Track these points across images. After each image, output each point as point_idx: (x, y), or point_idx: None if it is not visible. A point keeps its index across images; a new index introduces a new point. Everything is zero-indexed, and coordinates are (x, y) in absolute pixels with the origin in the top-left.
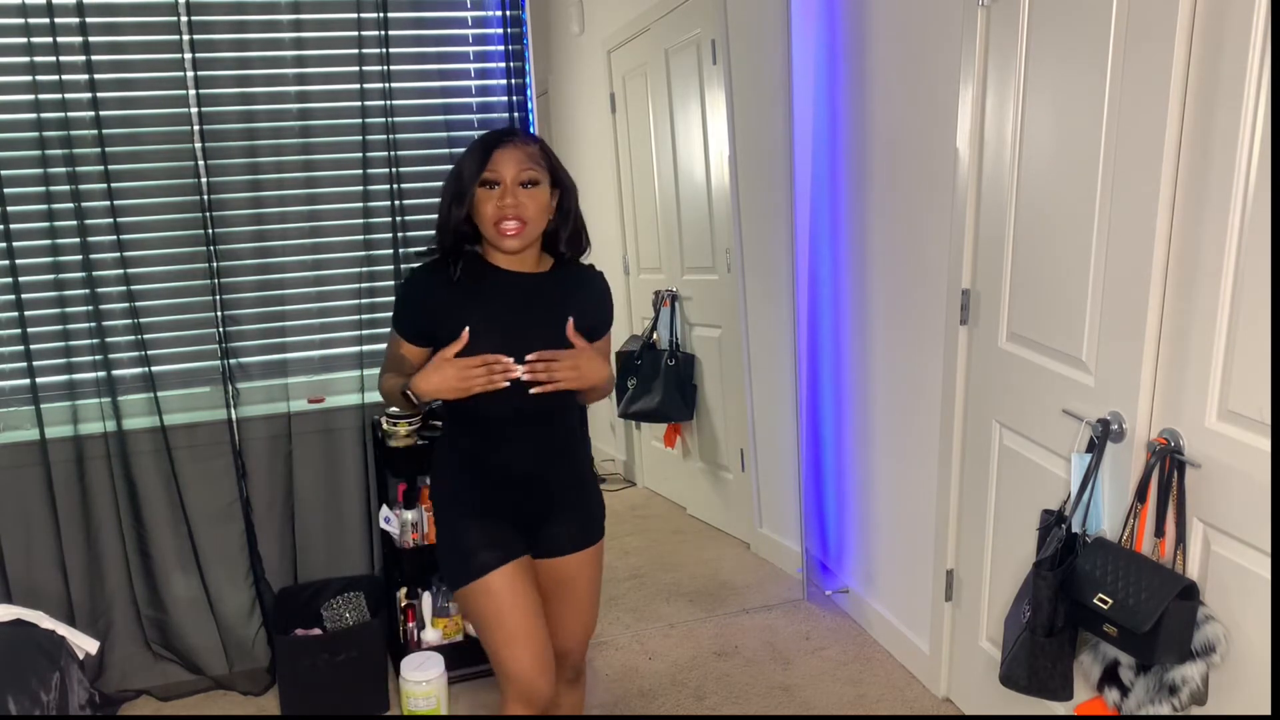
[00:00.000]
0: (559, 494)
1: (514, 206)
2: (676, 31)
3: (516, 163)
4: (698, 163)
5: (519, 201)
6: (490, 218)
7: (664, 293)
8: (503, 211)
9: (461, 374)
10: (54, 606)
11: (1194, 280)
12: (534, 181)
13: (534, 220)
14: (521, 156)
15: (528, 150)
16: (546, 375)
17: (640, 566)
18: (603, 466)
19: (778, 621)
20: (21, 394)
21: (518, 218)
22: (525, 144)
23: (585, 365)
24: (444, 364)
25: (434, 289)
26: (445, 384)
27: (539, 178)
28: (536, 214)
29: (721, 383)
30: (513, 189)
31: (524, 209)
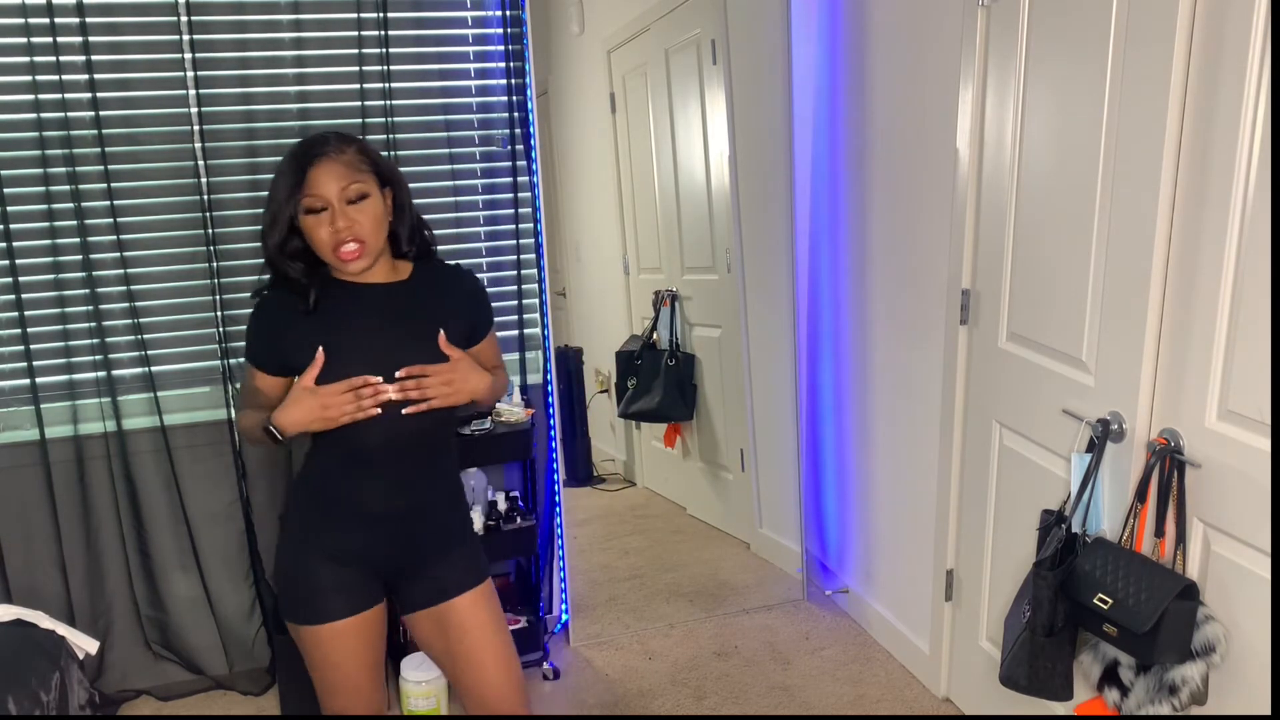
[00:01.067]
0: (434, 532)
1: (348, 228)
2: (676, 31)
3: (338, 177)
4: (698, 163)
5: (351, 221)
6: (327, 244)
7: (664, 293)
8: (338, 236)
9: (325, 403)
10: (54, 606)
11: (1194, 280)
12: (363, 195)
13: (373, 235)
14: (341, 169)
15: (345, 159)
16: (419, 393)
17: (640, 566)
18: (603, 466)
19: (778, 621)
20: (21, 394)
21: (355, 239)
22: (341, 151)
23: (460, 378)
24: (304, 394)
25: (285, 314)
26: (308, 416)
27: (366, 188)
28: (374, 228)
29: (721, 383)
30: (341, 209)
31: (359, 227)
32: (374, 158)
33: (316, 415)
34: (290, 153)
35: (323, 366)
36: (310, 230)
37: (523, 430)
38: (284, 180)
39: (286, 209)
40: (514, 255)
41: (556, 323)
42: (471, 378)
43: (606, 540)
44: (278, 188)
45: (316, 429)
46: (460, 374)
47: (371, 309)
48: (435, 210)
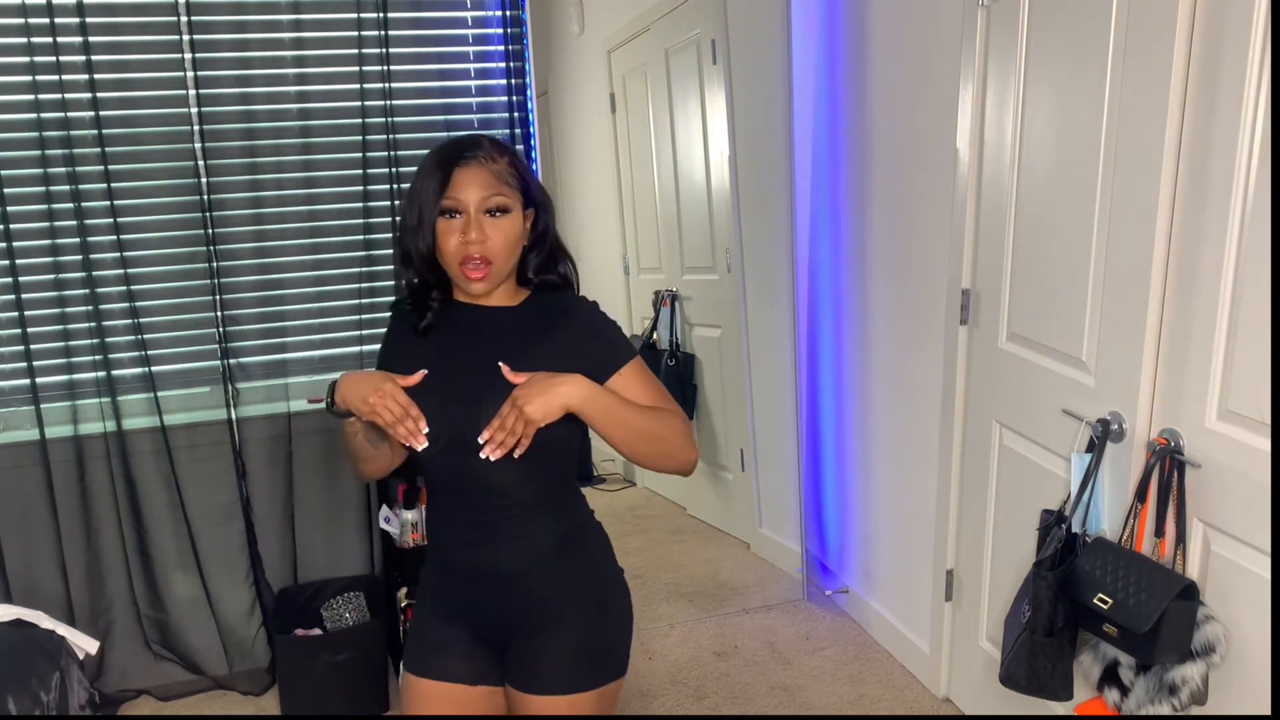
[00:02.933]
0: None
1: (480, 242)
2: (676, 31)
3: (481, 185)
4: (698, 163)
5: (485, 235)
6: (454, 255)
7: (664, 293)
8: (467, 249)
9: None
10: (54, 606)
11: (1194, 280)
12: (503, 209)
13: (503, 256)
14: (487, 177)
15: (494, 168)
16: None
17: (640, 566)
18: (603, 466)
19: (778, 621)
20: (21, 394)
21: (483, 257)
22: (492, 159)
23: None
24: (375, 376)
25: (403, 328)
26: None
27: (509, 203)
28: (506, 248)
29: (721, 383)
30: (477, 219)
31: (490, 245)
32: (524, 175)
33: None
34: (437, 150)
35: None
36: (440, 235)
37: None
38: (429, 179)
39: (433, 209)
40: None
41: None
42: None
43: None
44: (422, 187)
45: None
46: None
47: (469, 333)
48: None
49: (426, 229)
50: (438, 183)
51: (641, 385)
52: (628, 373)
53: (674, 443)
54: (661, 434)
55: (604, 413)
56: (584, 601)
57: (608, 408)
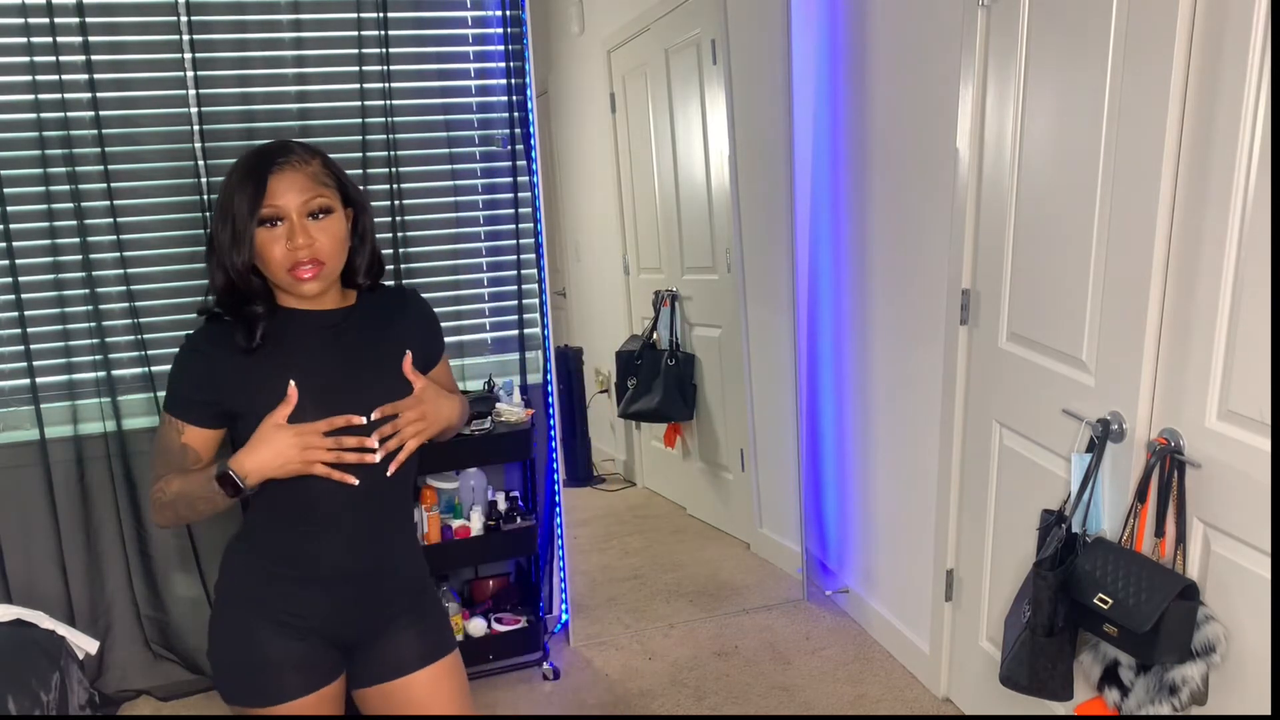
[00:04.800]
0: (396, 595)
1: (307, 246)
2: (676, 31)
3: (300, 189)
4: (698, 163)
5: (311, 238)
6: (281, 263)
7: (664, 293)
8: (295, 255)
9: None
10: (54, 606)
11: (1194, 280)
12: (326, 210)
13: (333, 256)
14: (304, 180)
15: (309, 170)
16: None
17: (640, 566)
18: (603, 466)
19: (778, 621)
20: (21, 394)
21: (313, 259)
22: (305, 161)
23: (431, 408)
24: (275, 432)
25: (220, 352)
26: (281, 458)
27: (330, 203)
28: (334, 247)
29: (721, 383)
30: (301, 224)
31: (319, 246)
32: (339, 174)
33: (293, 457)
34: (244, 160)
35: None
36: (262, 246)
37: (522, 430)
38: (242, 190)
39: (250, 221)
40: (514, 255)
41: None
42: (441, 404)
43: (606, 540)
44: (235, 200)
45: (282, 475)
46: (430, 402)
47: (323, 339)
48: (435, 210)
49: (245, 242)
50: (252, 193)
51: (446, 368)
52: (444, 360)
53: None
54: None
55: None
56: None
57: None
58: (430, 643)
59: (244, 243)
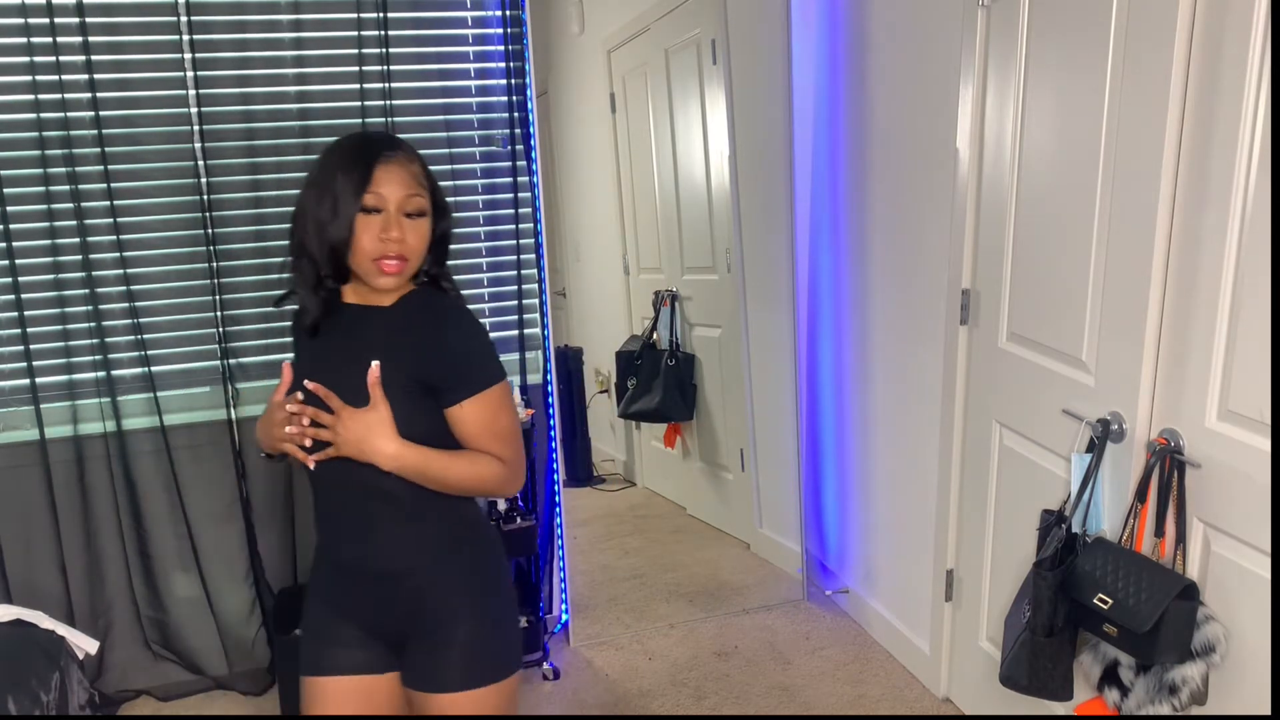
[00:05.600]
0: (424, 604)
1: (399, 241)
2: (676, 31)
3: (403, 185)
4: (698, 163)
5: (404, 233)
6: (369, 251)
7: (664, 293)
8: (385, 247)
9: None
10: (54, 606)
11: (1194, 280)
12: (421, 212)
13: (417, 257)
14: (407, 178)
15: (412, 170)
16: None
17: (640, 566)
18: (603, 466)
19: (778, 621)
20: (21, 394)
21: (400, 255)
22: (410, 160)
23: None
24: (270, 407)
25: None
26: (263, 431)
27: (425, 206)
28: (420, 249)
29: (721, 383)
30: (398, 218)
31: (408, 245)
32: (433, 180)
33: (267, 432)
34: (350, 143)
35: (291, 386)
36: (358, 231)
37: (523, 430)
38: (347, 172)
39: (353, 204)
40: (514, 255)
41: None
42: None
43: (606, 540)
44: (339, 180)
45: (270, 446)
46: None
47: (346, 331)
48: None
49: (343, 222)
50: (358, 177)
51: (483, 419)
52: (478, 403)
53: (486, 489)
54: (471, 486)
55: (412, 473)
56: (474, 599)
57: (417, 469)
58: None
59: (344, 221)
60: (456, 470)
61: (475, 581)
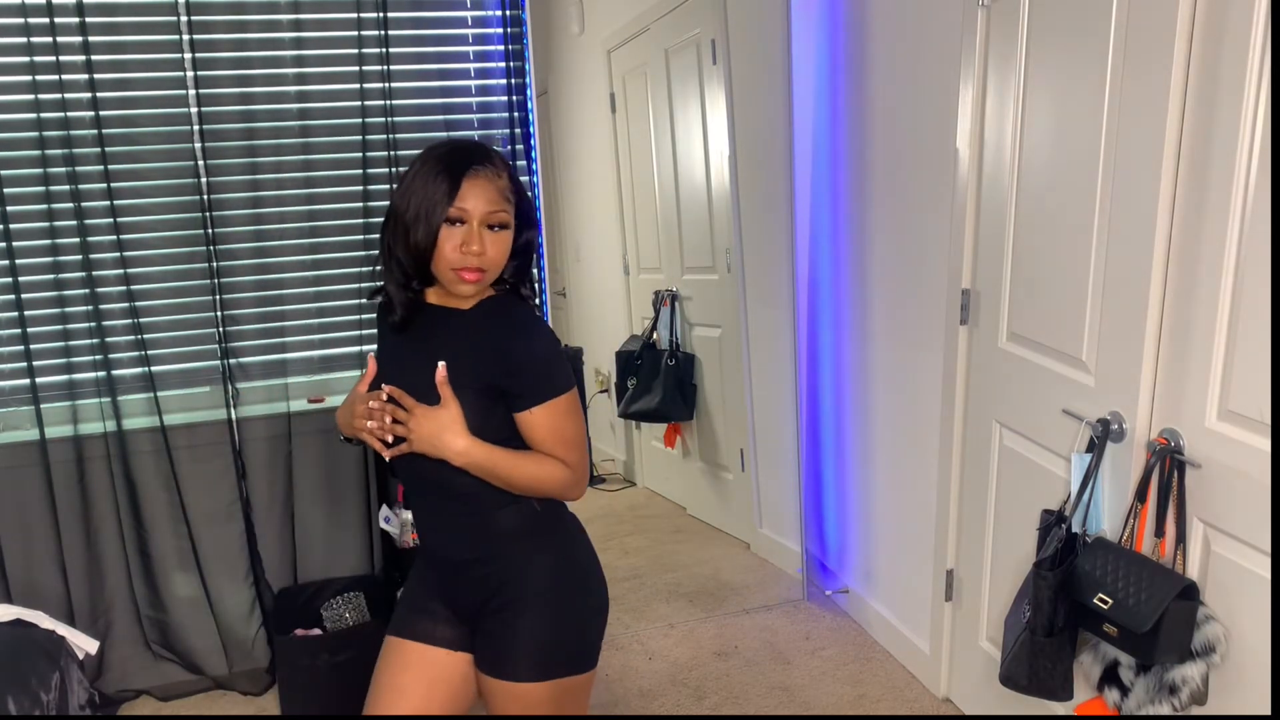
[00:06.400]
0: (494, 597)
1: (479, 255)
2: (676, 31)
3: (488, 200)
4: (698, 163)
5: (485, 247)
6: (450, 260)
7: (664, 293)
8: (466, 259)
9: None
10: (54, 606)
11: (1194, 280)
12: (504, 225)
13: (495, 268)
14: (494, 192)
15: (499, 184)
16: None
17: (640, 566)
18: (603, 466)
19: (778, 621)
20: (21, 394)
21: (479, 267)
22: (498, 174)
23: (420, 426)
24: (352, 396)
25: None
26: (345, 418)
27: (509, 219)
28: (500, 262)
29: (721, 383)
30: (480, 231)
31: (487, 258)
32: (521, 192)
33: (347, 419)
34: (441, 151)
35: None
36: (441, 240)
37: None
38: (435, 181)
39: (440, 214)
40: None
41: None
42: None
43: (606, 540)
44: (429, 189)
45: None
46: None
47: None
48: None
49: (429, 230)
50: (446, 188)
51: (551, 425)
52: (546, 410)
53: (549, 490)
54: (535, 486)
55: (479, 470)
56: (547, 591)
57: (483, 467)
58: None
59: (430, 229)
60: (522, 470)
61: (546, 575)
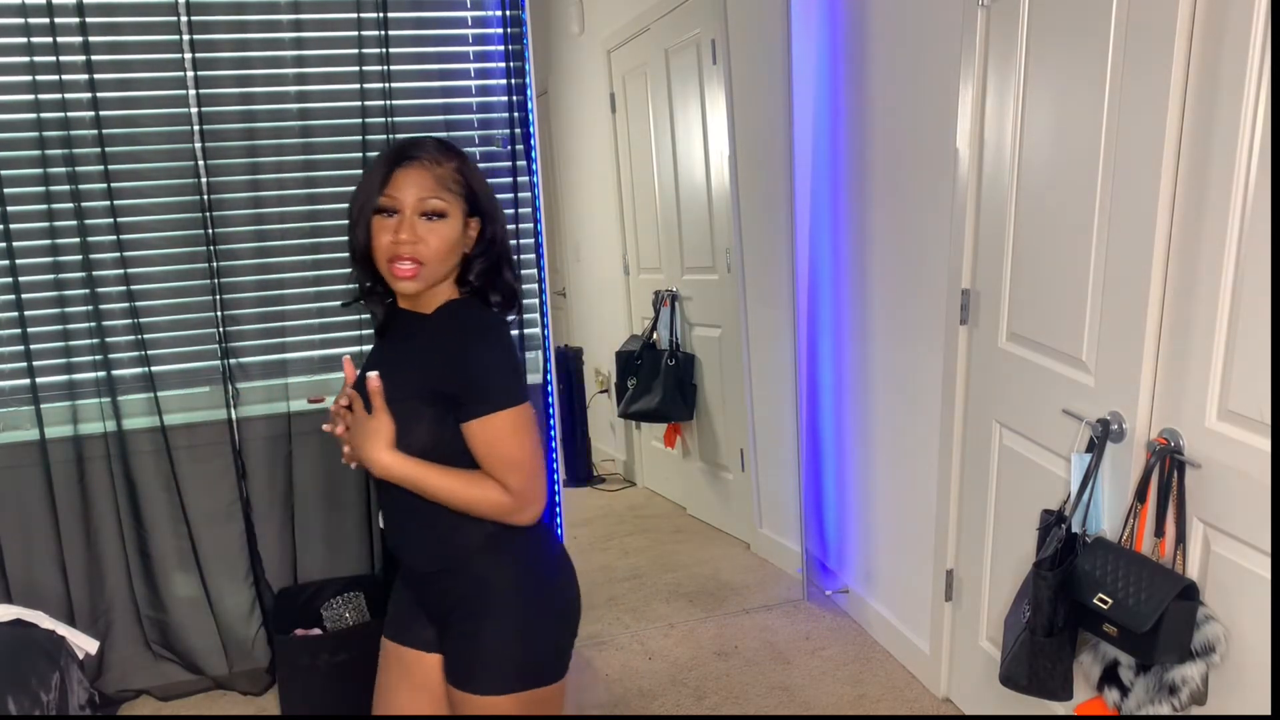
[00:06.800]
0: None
1: (410, 243)
2: (676, 31)
3: (420, 187)
4: (698, 163)
5: (418, 237)
6: (384, 251)
7: (664, 293)
8: (397, 248)
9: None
10: (54, 606)
11: (1194, 279)
12: (439, 213)
13: (436, 260)
14: (427, 179)
15: (436, 171)
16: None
17: (640, 566)
18: (603, 466)
19: (778, 621)
20: (21, 394)
21: (414, 257)
22: (435, 162)
23: (357, 435)
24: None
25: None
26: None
27: (446, 207)
28: (439, 252)
29: (721, 383)
30: (411, 220)
31: (422, 247)
32: (472, 181)
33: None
34: (386, 150)
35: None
36: (374, 232)
37: None
38: (372, 176)
39: (369, 205)
40: (514, 255)
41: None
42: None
43: (606, 540)
44: (364, 181)
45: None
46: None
47: (394, 339)
48: None
49: (363, 225)
50: (378, 181)
51: (488, 442)
52: (484, 425)
53: (485, 515)
54: (470, 509)
55: (408, 483)
56: (509, 604)
57: (408, 482)
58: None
59: (360, 224)
60: (452, 491)
61: (508, 588)
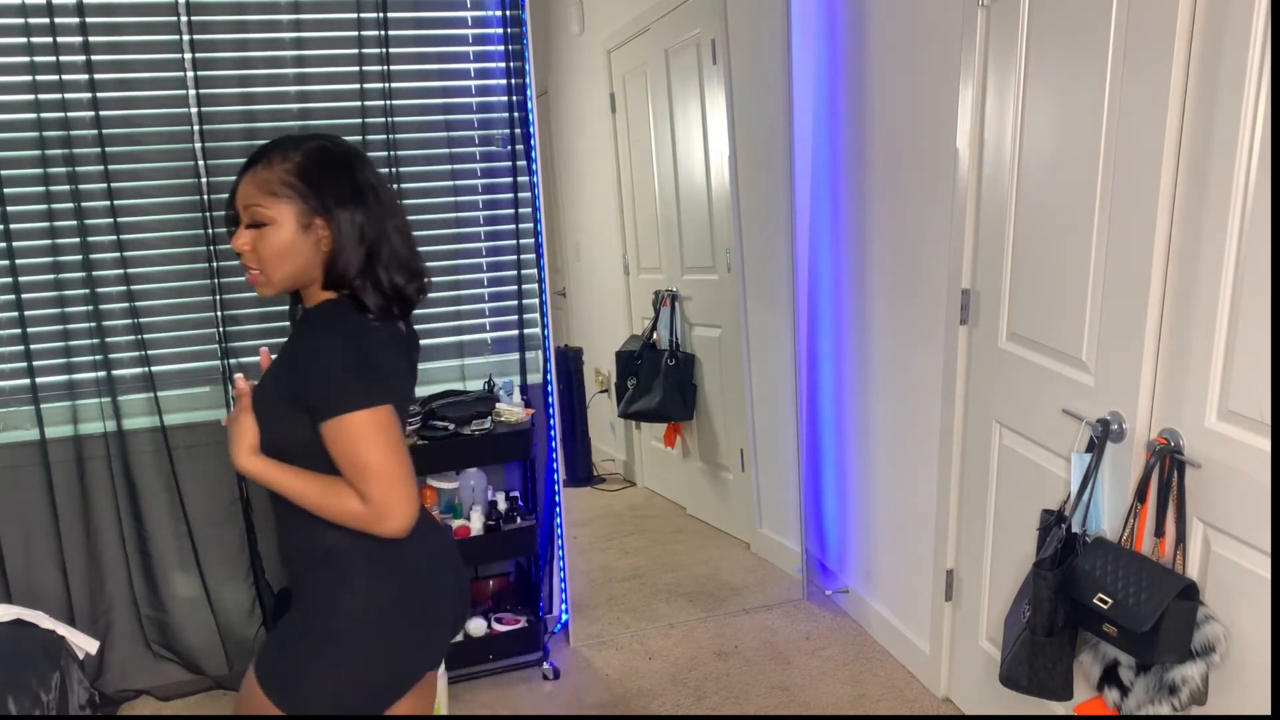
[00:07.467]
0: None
1: (242, 253)
2: (676, 31)
3: (244, 195)
4: (698, 163)
5: (245, 245)
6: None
7: (664, 293)
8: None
9: None
10: (54, 606)
11: (1194, 280)
12: (258, 222)
13: (271, 266)
14: (251, 188)
15: (263, 176)
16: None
17: (640, 566)
18: (603, 466)
19: (778, 621)
20: (21, 394)
21: (252, 266)
22: (267, 165)
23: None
24: None
25: None
26: None
27: (267, 215)
28: (271, 259)
29: (721, 383)
30: (242, 229)
31: (250, 256)
32: (312, 180)
33: None
34: None
35: None
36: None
37: (522, 430)
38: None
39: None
40: (514, 255)
41: (556, 323)
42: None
43: (606, 540)
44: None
45: None
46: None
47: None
48: (435, 210)
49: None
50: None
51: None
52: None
53: (344, 523)
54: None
55: (266, 485)
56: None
57: (267, 482)
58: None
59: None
60: (304, 494)
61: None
